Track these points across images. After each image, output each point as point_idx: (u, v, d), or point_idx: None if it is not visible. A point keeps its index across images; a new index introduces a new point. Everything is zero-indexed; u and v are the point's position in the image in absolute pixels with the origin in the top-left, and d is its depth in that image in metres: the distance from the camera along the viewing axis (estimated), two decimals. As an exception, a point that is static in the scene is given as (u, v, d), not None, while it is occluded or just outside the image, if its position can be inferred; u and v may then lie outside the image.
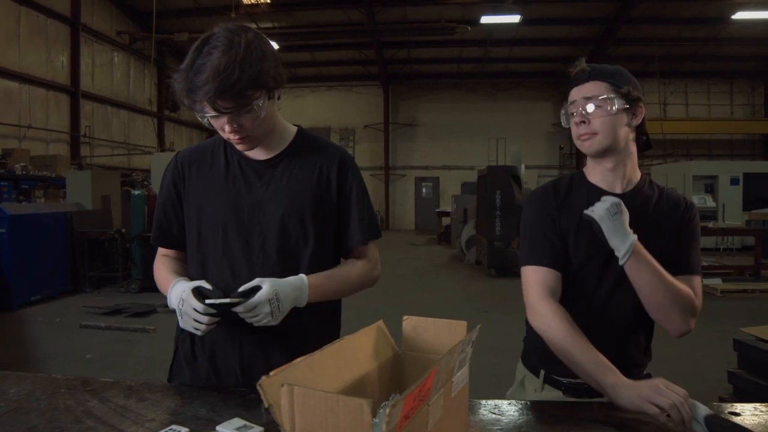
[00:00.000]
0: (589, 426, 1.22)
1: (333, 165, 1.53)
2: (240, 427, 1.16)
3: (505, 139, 18.28)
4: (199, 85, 1.27)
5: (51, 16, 13.42)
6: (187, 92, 1.30)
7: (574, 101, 1.47)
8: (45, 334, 6.07)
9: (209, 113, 1.32)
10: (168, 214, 1.57)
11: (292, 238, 1.47)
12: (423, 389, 0.86)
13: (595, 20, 17.04)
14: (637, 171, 1.54)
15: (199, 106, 1.31)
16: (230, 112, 1.32)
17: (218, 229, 1.48)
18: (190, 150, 1.60)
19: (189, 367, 1.56)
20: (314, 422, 0.79)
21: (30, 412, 1.26)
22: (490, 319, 6.12)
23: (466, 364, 1.13)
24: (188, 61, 1.30)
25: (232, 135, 1.37)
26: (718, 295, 8.17)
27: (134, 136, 17.35)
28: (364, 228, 1.55)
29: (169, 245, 1.60)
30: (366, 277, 1.57)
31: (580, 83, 1.48)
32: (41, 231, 7.86)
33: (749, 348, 3.49)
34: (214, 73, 1.26)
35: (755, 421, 1.25)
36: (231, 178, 1.50)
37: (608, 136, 1.44)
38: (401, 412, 0.78)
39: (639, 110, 1.47)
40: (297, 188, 1.49)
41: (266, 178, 1.50)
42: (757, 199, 13.13)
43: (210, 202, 1.50)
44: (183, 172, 1.54)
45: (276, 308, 1.32)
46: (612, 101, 1.42)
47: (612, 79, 1.44)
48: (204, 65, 1.27)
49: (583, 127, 1.45)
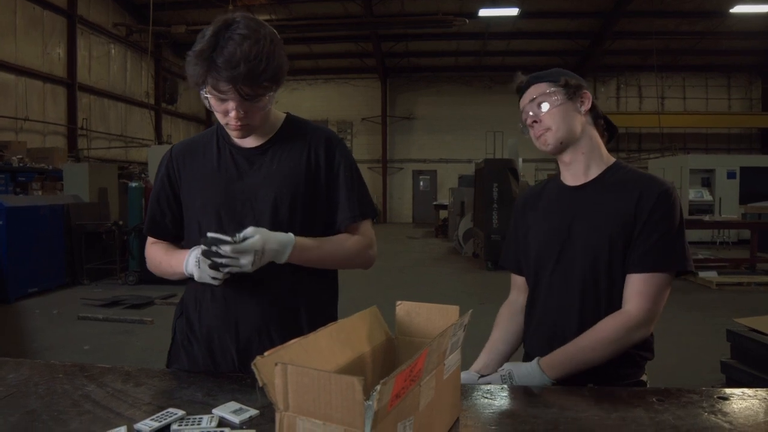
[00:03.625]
0: (580, 410, 1.24)
1: (320, 146, 1.57)
2: (236, 410, 1.18)
3: (502, 133, 18.28)
4: (224, 67, 1.31)
5: (47, 8, 13.36)
6: (210, 71, 1.33)
7: (522, 109, 1.55)
8: (42, 326, 6.08)
9: (226, 95, 1.36)
10: (162, 206, 1.61)
11: (284, 220, 1.50)
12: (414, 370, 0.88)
13: (592, 14, 17.01)
14: (604, 159, 1.55)
15: (223, 86, 1.34)
16: (248, 99, 1.37)
17: (213, 217, 1.52)
18: (184, 143, 1.65)
19: (186, 351, 1.59)
20: (307, 400, 0.81)
21: (29, 396, 1.27)
22: (486, 311, 6.10)
23: (458, 348, 1.15)
24: (209, 42, 1.32)
25: (234, 121, 1.41)
26: (713, 288, 8.21)
27: (131, 128, 17.31)
28: (353, 206, 1.56)
29: (162, 236, 1.64)
30: (360, 252, 1.58)
31: (522, 92, 1.56)
32: (38, 223, 7.86)
33: (742, 338, 3.52)
34: (244, 58, 1.30)
35: (743, 405, 1.27)
36: (223, 166, 1.54)
37: (561, 128, 1.49)
38: (392, 390, 0.80)
39: (585, 96, 1.52)
40: (287, 172, 1.52)
41: (257, 165, 1.53)
42: (753, 192, 13.17)
43: (203, 190, 1.54)
44: (177, 165, 1.59)
45: (258, 259, 1.36)
46: (554, 94, 1.49)
47: (548, 78, 1.52)
48: (231, 49, 1.31)
49: (536, 126, 1.52)
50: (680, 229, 1.44)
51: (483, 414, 1.26)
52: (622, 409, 1.24)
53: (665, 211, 1.42)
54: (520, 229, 1.68)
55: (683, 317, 6.13)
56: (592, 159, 1.53)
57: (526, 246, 1.63)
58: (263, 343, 1.47)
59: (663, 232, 1.42)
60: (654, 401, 1.28)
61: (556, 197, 1.59)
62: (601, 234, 1.46)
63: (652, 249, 1.42)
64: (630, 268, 1.44)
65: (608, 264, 1.46)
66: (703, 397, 1.31)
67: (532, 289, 1.62)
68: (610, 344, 1.41)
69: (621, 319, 1.42)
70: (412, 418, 0.91)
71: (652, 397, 1.31)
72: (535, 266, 1.59)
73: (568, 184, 1.57)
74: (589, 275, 1.48)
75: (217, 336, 1.53)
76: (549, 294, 1.55)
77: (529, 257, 1.62)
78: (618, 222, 1.44)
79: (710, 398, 1.30)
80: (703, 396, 1.31)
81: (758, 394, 1.33)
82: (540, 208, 1.62)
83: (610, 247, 1.45)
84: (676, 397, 1.31)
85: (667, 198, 1.43)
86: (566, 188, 1.57)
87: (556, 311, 1.53)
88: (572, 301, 1.50)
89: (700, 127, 20.18)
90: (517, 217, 1.71)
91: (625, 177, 1.50)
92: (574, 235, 1.50)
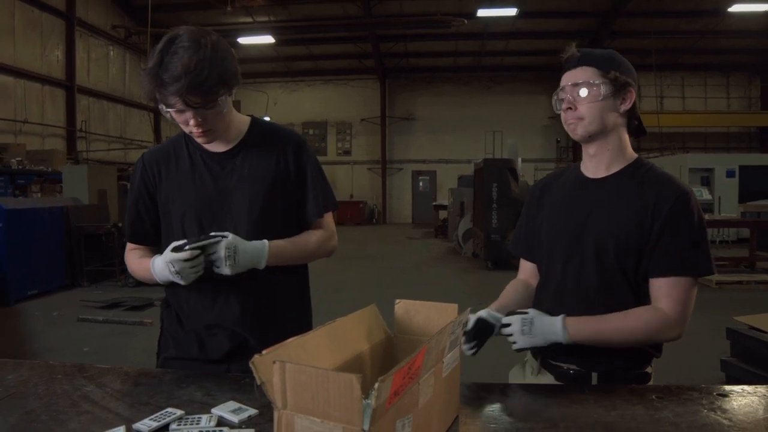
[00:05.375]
0: (580, 408, 1.24)
1: (289, 149, 1.66)
2: (235, 410, 1.18)
3: (501, 133, 18.28)
4: (169, 82, 1.38)
5: (45, 11, 13.36)
6: (157, 87, 1.40)
7: (563, 87, 1.49)
8: (42, 328, 6.07)
9: (176, 107, 1.43)
10: (141, 213, 1.67)
11: (260, 221, 1.60)
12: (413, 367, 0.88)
13: (591, 13, 17.01)
14: (627, 156, 1.52)
15: (171, 100, 1.41)
16: (198, 107, 1.43)
17: (192, 221, 1.59)
18: (154, 150, 1.72)
19: (174, 339, 1.66)
20: (305, 398, 0.81)
21: (27, 397, 1.28)
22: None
23: (457, 346, 1.15)
24: (156, 60, 1.40)
25: (195, 129, 1.48)
26: (713, 287, 8.21)
27: (130, 130, 17.31)
28: (318, 203, 1.69)
29: (143, 241, 1.70)
30: (323, 245, 1.71)
31: (569, 69, 1.49)
32: (38, 226, 7.85)
33: (742, 336, 3.53)
34: (185, 70, 1.37)
35: (742, 402, 1.27)
36: (197, 172, 1.62)
37: (594, 122, 1.45)
38: (390, 388, 0.80)
39: (629, 95, 1.47)
40: (258, 174, 1.61)
41: (228, 168, 1.61)
42: (752, 191, 13.16)
43: (181, 197, 1.61)
44: (152, 172, 1.65)
45: (231, 258, 1.44)
46: (598, 87, 1.43)
47: (600, 64, 1.45)
48: (174, 63, 1.38)
49: (570, 113, 1.47)
50: (703, 232, 1.43)
51: (482, 412, 1.26)
52: (622, 407, 1.24)
53: (686, 214, 1.40)
54: (534, 216, 1.67)
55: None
56: (616, 155, 1.51)
57: (540, 232, 1.62)
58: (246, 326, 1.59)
59: (688, 236, 1.40)
60: (653, 398, 1.28)
61: (575, 187, 1.57)
62: (617, 228, 1.44)
63: (679, 253, 1.40)
64: (656, 271, 1.42)
65: (620, 258, 1.44)
66: (702, 394, 1.31)
67: (544, 275, 1.61)
68: (639, 334, 1.40)
69: (658, 315, 1.39)
70: (411, 416, 0.91)
71: (652, 395, 1.31)
72: (549, 253, 1.58)
73: (589, 175, 1.55)
74: (602, 267, 1.46)
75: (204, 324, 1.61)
76: (561, 282, 1.53)
77: (542, 244, 1.61)
78: (633, 219, 1.43)
79: (710, 395, 1.30)
80: (703, 393, 1.31)
81: (758, 391, 1.33)
82: (558, 196, 1.60)
83: (624, 242, 1.43)
84: (676, 394, 1.31)
85: (685, 202, 1.41)
86: (586, 179, 1.55)
87: (567, 301, 1.51)
88: (584, 294, 1.49)
89: (699, 127, 20.17)
90: (532, 204, 1.70)
91: (645, 175, 1.48)
92: (591, 226, 1.48)
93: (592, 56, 1.48)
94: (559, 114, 1.53)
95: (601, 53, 1.49)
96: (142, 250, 1.69)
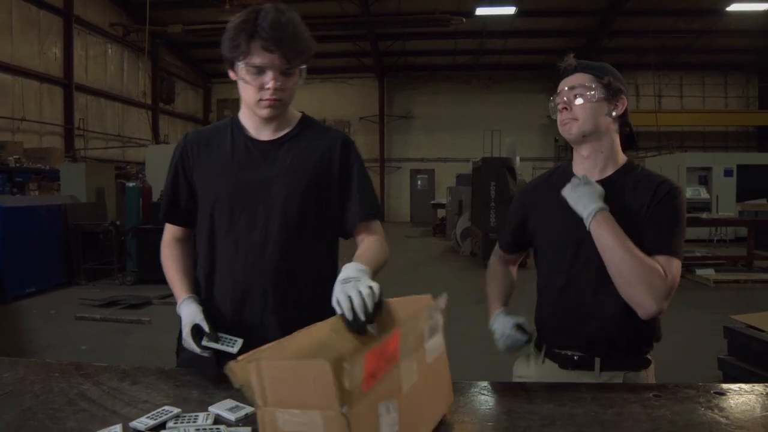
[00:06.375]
0: (577, 406, 1.24)
1: (336, 147, 1.61)
2: (232, 408, 1.18)
3: (500, 131, 18.26)
4: (270, 28, 1.39)
5: (43, 8, 13.30)
6: (252, 37, 1.40)
7: (559, 92, 1.58)
8: (40, 326, 6.06)
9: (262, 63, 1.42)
10: (176, 192, 1.63)
11: (294, 215, 1.53)
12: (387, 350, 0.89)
13: (589, 12, 17.00)
14: (619, 160, 1.58)
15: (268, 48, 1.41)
16: (289, 63, 1.44)
17: (225, 206, 1.54)
18: (199, 132, 1.67)
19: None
20: (283, 392, 0.82)
21: (24, 395, 1.27)
22: (485, 309, 6.11)
23: (439, 333, 1.15)
24: (246, 16, 1.43)
25: (270, 93, 1.46)
26: (711, 286, 8.22)
27: (128, 128, 17.25)
28: (364, 207, 1.60)
29: (177, 221, 1.66)
30: (387, 252, 1.60)
31: (566, 75, 1.58)
32: (35, 224, 7.84)
33: (739, 335, 3.54)
34: (289, 22, 1.42)
35: (739, 400, 1.28)
36: (237, 157, 1.56)
37: (588, 122, 1.52)
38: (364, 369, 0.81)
39: (620, 102, 1.55)
40: (300, 167, 1.55)
41: (271, 158, 1.56)
42: (750, 190, 13.19)
43: (217, 180, 1.56)
44: (191, 152, 1.61)
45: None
46: (593, 89, 1.52)
47: (595, 71, 1.55)
48: (271, 18, 1.40)
49: (565, 113, 1.55)
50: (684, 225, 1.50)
51: (479, 410, 1.27)
52: (619, 405, 1.24)
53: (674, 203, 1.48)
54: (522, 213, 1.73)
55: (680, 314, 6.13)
56: (609, 159, 1.57)
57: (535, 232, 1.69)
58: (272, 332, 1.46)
59: (674, 222, 1.47)
60: (651, 397, 1.29)
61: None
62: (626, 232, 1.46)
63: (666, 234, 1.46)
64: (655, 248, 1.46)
65: None
66: (699, 392, 1.31)
67: (546, 276, 1.65)
68: (642, 273, 1.39)
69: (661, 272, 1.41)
70: (395, 401, 0.91)
71: (649, 393, 1.31)
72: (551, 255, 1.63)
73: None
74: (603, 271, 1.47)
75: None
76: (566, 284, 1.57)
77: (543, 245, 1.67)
78: (629, 221, 1.46)
79: (707, 393, 1.30)
80: (700, 391, 1.31)
81: (755, 390, 1.33)
82: (552, 198, 1.58)
83: None
84: (673, 392, 1.31)
85: (675, 194, 1.48)
86: None
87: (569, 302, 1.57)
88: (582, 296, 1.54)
89: (697, 126, 20.17)
90: (524, 200, 1.76)
91: (637, 177, 1.54)
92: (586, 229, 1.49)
93: (589, 65, 1.58)
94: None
95: (596, 63, 1.60)
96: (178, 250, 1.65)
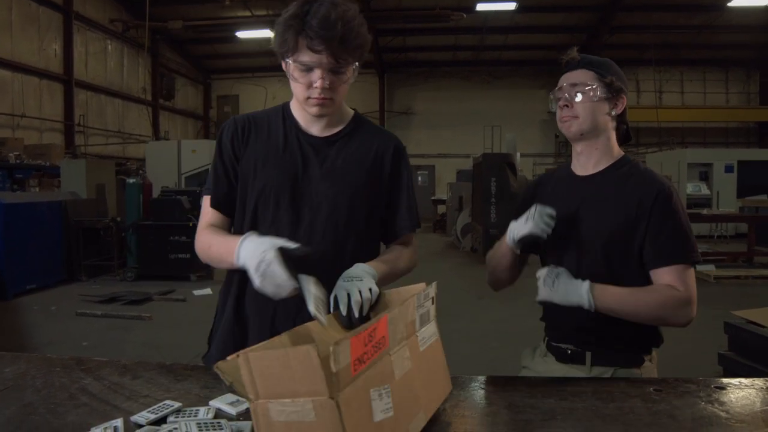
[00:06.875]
0: (577, 400, 1.24)
1: (388, 151, 1.57)
2: (232, 402, 1.18)
3: (500, 127, 18.23)
4: (320, 26, 1.31)
5: (43, 4, 13.27)
6: (303, 32, 1.33)
7: (561, 87, 1.58)
8: (41, 322, 6.07)
9: (311, 61, 1.35)
10: (220, 173, 1.54)
11: (341, 217, 1.49)
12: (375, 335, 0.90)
13: (590, 8, 16.96)
14: (614, 154, 1.60)
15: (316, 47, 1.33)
16: (339, 62, 1.36)
17: (270, 199, 1.49)
18: (248, 116, 1.58)
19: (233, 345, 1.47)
20: (273, 383, 0.82)
21: (25, 390, 1.27)
22: (485, 306, 6.14)
23: (431, 320, 1.16)
24: (300, 8, 1.34)
25: (318, 92, 1.38)
26: (711, 282, 8.22)
27: (129, 124, 17.24)
28: (412, 216, 1.60)
29: (226, 210, 1.55)
30: (412, 265, 1.63)
31: (569, 70, 1.58)
32: (36, 220, 7.84)
33: (740, 330, 3.54)
34: (340, 19, 1.32)
35: (739, 394, 1.28)
36: (288, 150, 1.51)
37: (587, 120, 1.54)
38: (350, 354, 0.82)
39: (621, 101, 1.57)
40: (351, 169, 1.51)
41: (322, 156, 1.51)
42: (751, 186, 13.17)
43: (265, 170, 1.50)
44: (242, 135, 1.53)
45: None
46: (595, 89, 1.52)
47: (598, 69, 1.55)
48: (325, 12, 1.31)
49: (566, 110, 1.56)
50: (688, 224, 1.50)
51: (480, 404, 1.27)
52: (619, 399, 1.24)
53: (670, 208, 1.48)
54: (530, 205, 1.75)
55: (681, 310, 6.13)
56: (603, 154, 1.59)
57: None
58: None
59: (675, 228, 1.47)
60: (651, 391, 1.29)
61: (565, 184, 1.66)
62: (604, 222, 1.52)
63: (670, 243, 1.47)
64: (652, 263, 1.48)
65: (609, 250, 1.51)
66: (700, 387, 1.31)
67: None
68: (659, 308, 1.43)
69: (676, 293, 1.44)
70: (388, 387, 0.92)
71: (649, 387, 1.31)
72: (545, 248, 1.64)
73: (577, 173, 1.64)
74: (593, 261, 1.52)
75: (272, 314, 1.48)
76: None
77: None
78: (620, 213, 1.50)
79: (707, 388, 1.30)
80: (700, 386, 1.31)
81: (755, 384, 1.33)
82: (549, 193, 1.67)
83: (612, 235, 1.51)
84: (673, 387, 1.31)
85: (667, 197, 1.48)
86: (575, 177, 1.64)
87: None
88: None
89: (698, 121, 20.14)
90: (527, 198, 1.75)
91: (629, 172, 1.56)
92: (579, 222, 1.56)
93: (592, 61, 1.57)
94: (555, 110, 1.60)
95: (600, 59, 1.59)
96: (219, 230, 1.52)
